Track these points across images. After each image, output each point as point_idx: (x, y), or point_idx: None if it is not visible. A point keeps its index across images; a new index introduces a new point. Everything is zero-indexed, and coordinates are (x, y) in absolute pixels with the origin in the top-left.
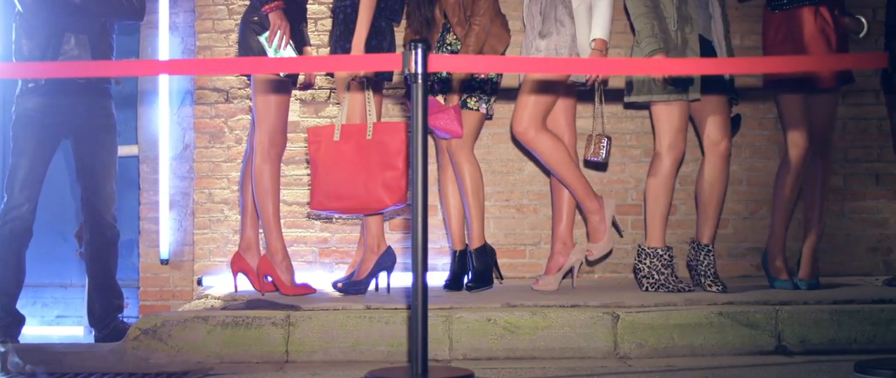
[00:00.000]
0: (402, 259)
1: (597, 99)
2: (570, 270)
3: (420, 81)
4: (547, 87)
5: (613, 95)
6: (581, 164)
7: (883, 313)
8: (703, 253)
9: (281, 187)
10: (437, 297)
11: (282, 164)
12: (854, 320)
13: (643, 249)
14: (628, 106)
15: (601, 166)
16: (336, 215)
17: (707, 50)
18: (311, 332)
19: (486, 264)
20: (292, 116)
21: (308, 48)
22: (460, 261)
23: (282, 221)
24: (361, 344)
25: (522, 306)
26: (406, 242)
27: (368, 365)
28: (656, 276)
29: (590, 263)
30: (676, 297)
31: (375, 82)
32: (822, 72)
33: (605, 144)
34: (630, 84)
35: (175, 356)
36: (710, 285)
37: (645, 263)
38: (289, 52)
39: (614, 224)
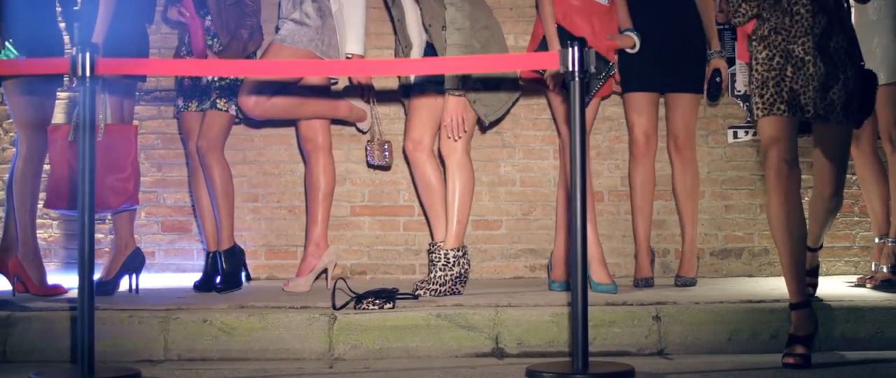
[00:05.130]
0: (174, 260)
1: (371, 103)
2: (325, 272)
3: (88, 84)
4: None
5: (385, 96)
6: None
7: (605, 315)
8: None
9: None
10: (181, 297)
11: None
12: None
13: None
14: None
15: (385, 168)
16: (66, 213)
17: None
18: (30, 332)
19: (235, 265)
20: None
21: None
22: (212, 262)
23: (56, 221)
24: None
25: (250, 307)
26: (179, 243)
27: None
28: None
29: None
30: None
31: (122, 84)
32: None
33: (387, 148)
34: None
35: None
36: None
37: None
38: (8, 52)
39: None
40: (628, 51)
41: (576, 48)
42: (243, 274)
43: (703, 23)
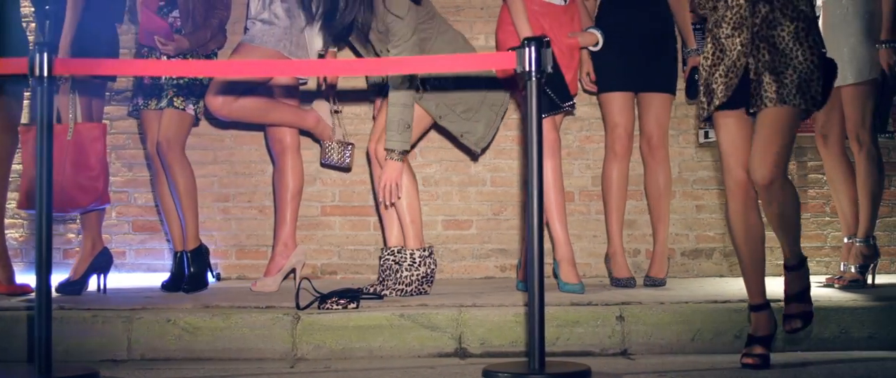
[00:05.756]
0: (145, 260)
1: (332, 101)
2: (293, 271)
3: (46, 84)
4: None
5: (354, 96)
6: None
7: (568, 315)
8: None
9: None
10: (147, 297)
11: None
12: None
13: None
14: None
15: (344, 169)
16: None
17: None
18: None
19: (201, 266)
20: None
21: None
22: (180, 262)
23: (26, 222)
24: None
25: (214, 307)
26: (150, 243)
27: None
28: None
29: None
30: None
31: (92, 84)
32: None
33: (349, 150)
34: None
35: None
36: None
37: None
38: None
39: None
40: (591, 48)
41: (533, 48)
42: (211, 273)
43: (677, 22)
